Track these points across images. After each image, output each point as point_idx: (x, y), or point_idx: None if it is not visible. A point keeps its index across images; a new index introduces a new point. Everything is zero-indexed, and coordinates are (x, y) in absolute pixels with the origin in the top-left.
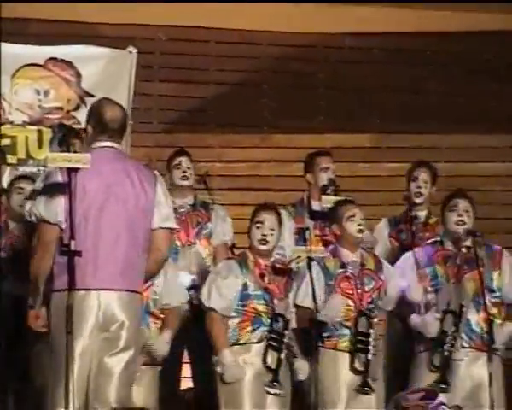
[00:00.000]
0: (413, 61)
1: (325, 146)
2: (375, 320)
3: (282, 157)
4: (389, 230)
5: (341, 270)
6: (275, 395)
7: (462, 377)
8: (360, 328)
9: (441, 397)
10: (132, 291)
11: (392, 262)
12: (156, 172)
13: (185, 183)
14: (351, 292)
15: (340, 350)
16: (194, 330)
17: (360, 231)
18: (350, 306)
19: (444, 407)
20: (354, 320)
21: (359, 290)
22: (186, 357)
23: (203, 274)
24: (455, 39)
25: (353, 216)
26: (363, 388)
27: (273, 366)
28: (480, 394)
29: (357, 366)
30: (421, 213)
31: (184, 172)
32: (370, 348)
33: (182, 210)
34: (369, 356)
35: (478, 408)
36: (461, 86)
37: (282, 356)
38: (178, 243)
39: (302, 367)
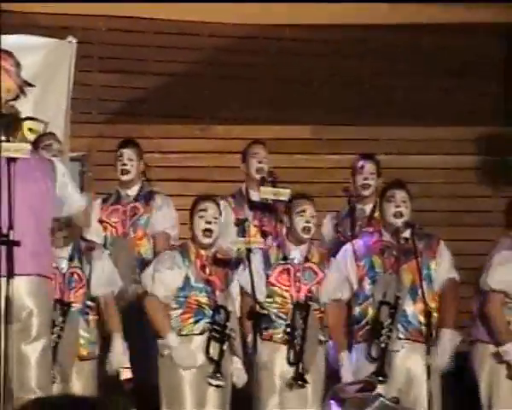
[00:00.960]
0: (353, 53)
1: (265, 137)
2: (314, 313)
3: (221, 148)
4: (334, 224)
5: (282, 262)
6: (217, 386)
7: (398, 369)
8: (295, 321)
9: (379, 389)
10: (42, 276)
11: None
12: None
13: (124, 178)
14: (288, 284)
15: (275, 341)
16: (134, 319)
17: (307, 229)
18: (286, 298)
19: (381, 398)
20: (290, 313)
21: (297, 283)
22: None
23: (138, 265)
24: (396, 31)
25: (303, 211)
26: (297, 380)
27: (215, 358)
28: (416, 386)
29: (291, 357)
30: (368, 207)
31: (124, 165)
32: (302, 340)
33: (124, 201)
34: (297, 348)
35: (413, 401)
36: (400, 79)
37: (225, 348)
38: (115, 234)
39: (239, 376)
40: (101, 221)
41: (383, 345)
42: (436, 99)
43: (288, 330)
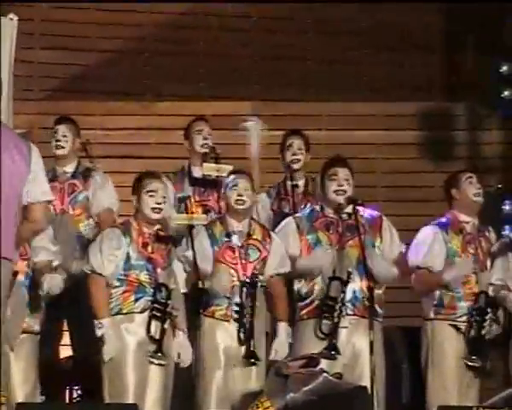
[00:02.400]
0: (293, 28)
1: (206, 113)
2: (258, 290)
3: (163, 125)
4: (270, 201)
5: (226, 239)
6: (159, 365)
7: (343, 345)
8: (242, 298)
9: (323, 365)
10: (4, 258)
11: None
12: (31, 144)
13: (59, 152)
14: (234, 262)
15: (217, 319)
16: (75, 295)
17: (240, 201)
18: (233, 276)
19: (325, 374)
20: (238, 290)
21: (243, 261)
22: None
23: (77, 242)
24: (335, 7)
25: (235, 185)
26: (249, 358)
27: (157, 336)
28: (360, 362)
29: (234, 336)
30: (300, 183)
31: (58, 140)
32: (248, 318)
33: (61, 178)
34: (247, 326)
35: (358, 375)
36: (340, 54)
37: (166, 326)
38: (53, 211)
39: (184, 353)
40: None
41: (336, 320)
42: (377, 75)
43: (237, 308)
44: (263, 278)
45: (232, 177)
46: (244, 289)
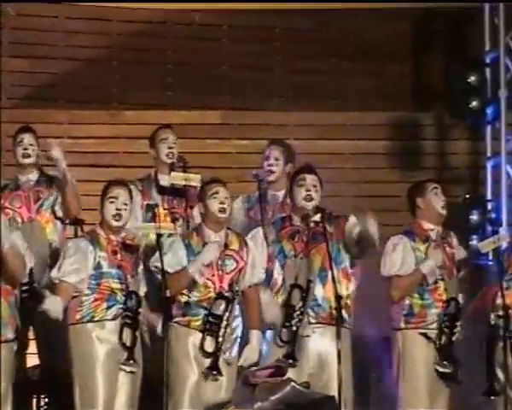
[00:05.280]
0: (261, 38)
1: (174, 122)
2: (235, 302)
3: (130, 134)
4: (245, 208)
5: (203, 249)
6: (130, 372)
7: (309, 354)
8: (215, 310)
9: (290, 374)
10: None
11: None
12: None
13: (26, 161)
14: (211, 274)
15: (192, 328)
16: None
17: (222, 210)
18: (209, 287)
19: (292, 383)
20: (212, 302)
21: (220, 272)
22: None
23: (46, 249)
24: (303, 17)
25: (216, 194)
26: (212, 370)
27: (128, 344)
28: (327, 370)
29: (207, 347)
30: (280, 193)
31: (25, 149)
32: (222, 331)
33: (24, 186)
34: (220, 339)
35: (324, 384)
36: (309, 63)
37: (137, 334)
38: (19, 219)
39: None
40: (2, 208)
41: (294, 328)
42: (344, 84)
43: (211, 319)
44: (238, 288)
45: (211, 186)
46: (219, 302)
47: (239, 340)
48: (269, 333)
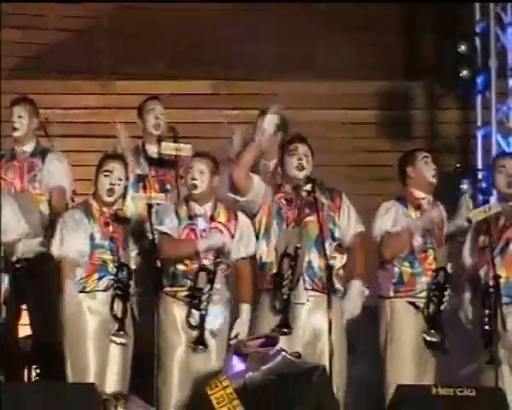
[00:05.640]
0: (253, 8)
1: (165, 92)
2: (220, 273)
3: (121, 104)
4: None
5: (189, 221)
6: (120, 344)
7: (303, 324)
8: (199, 283)
9: (283, 343)
10: None
11: None
12: None
13: (15, 134)
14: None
15: (178, 299)
16: (32, 277)
17: (193, 185)
18: (193, 260)
19: (283, 353)
20: (195, 274)
21: None
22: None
23: (38, 220)
24: None
25: (190, 168)
26: (198, 344)
27: (119, 315)
28: (321, 340)
29: (192, 320)
30: (271, 163)
31: (14, 122)
32: (203, 304)
33: (19, 157)
34: (203, 312)
35: (319, 354)
36: (298, 34)
37: (128, 306)
38: (13, 189)
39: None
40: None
41: (285, 296)
42: (335, 54)
43: (194, 292)
44: (228, 261)
45: (192, 160)
46: (202, 274)
47: (224, 311)
48: (267, 297)
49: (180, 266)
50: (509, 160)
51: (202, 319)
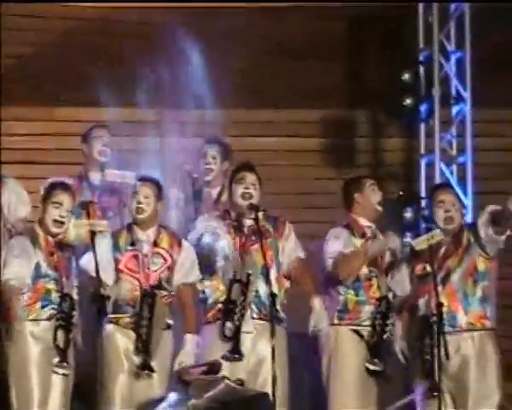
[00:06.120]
0: (199, 35)
1: (108, 120)
2: (162, 300)
3: (64, 131)
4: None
5: (130, 247)
6: (63, 375)
7: (248, 351)
8: (143, 309)
9: (224, 371)
10: None
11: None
12: None
13: None
14: (136, 271)
15: (121, 326)
16: None
17: (138, 209)
18: (135, 286)
19: (226, 381)
20: (139, 300)
21: (146, 270)
22: None
23: None
24: (238, 13)
25: (136, 194)
26: (143, 369)
27: (62, 346)
28: (264, 368)
29: (139, 346)
30: (214, 191)
31: None
32: (145, 329)
33: None
34: (144, 337)
35: (262, 382)
36: (244, 61)
37: (71, 336)
38: None
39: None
40: None
41: (237, 323)
42: (280, 81)
43: (137, 318)
44: (170, 287)
45: (136, 184)
46: (144, 300)
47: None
48: (214, 328)
49: (122, 294)
50: (447, 194)
51: (146, 345)
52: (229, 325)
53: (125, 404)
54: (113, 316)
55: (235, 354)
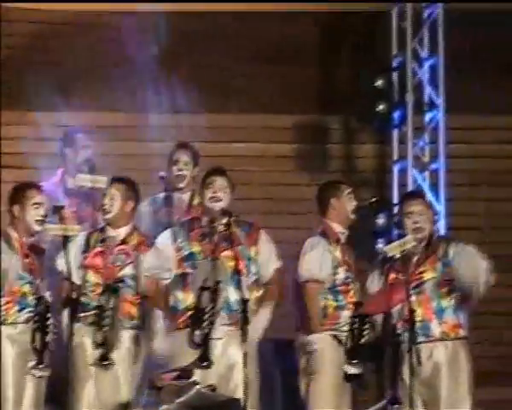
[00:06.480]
0: (166, 39)
1: (85, 123)
2: (126, 296)
3: (38, 134)
4: (152, 210)
5: (99, 245)
6: (40, 377)
7: (218, 357)
8: (102, 303)
9: (198, 376)
10: None
11: None
12: None
13: None
14: (101, 267)
15: (86, 325)
16: None
17: (104, 210)
18: (99, 281)
19: (198, 386)
20: (100, 295)
21: (110, 266)
22: None
23: None
24: (210, 17)
25: (104, 194)
26: (101, 361)
27: (39, 348)
28: (235, 373)
29: (97, 339)
30: (186, 196)
31: None
32: (107, 321)
33: None
34: (105, 329)
35: (233, 388)
36: (217, 65)
37: (48, 339)
38: None
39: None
40: None
41: (206, 330)
42: (252, 87)
43: (98, 312)
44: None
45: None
46: (106, 294)
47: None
48: (184, 335)
49: (87, 291)
50: (416, 205)
51: (105, 337)
52: (198, 332)
53: (92, 406)
54: (82, 315)
55: (204, 361)
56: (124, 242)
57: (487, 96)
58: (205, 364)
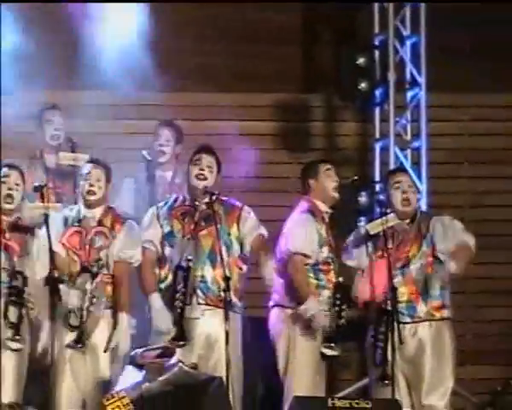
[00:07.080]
0: (150, 20)
1: (64, 103)
2: (99, 279)
3: (20, 114)
4: (134, 188)
5: (76, 224)
6: (16, 350)
7: (198, 335)
8: (80, 284)
9: (178, 355)
10: None
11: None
12: None
13: None
14: (78, 248)
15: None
16: None
17: (90, 191)
18: (75, 261)
19: (180, 364)
20: (76, 276)
21: (87, 247)
22: None
23: None
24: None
25: (88, 174)
26: (77, 343)
27: (14, 321)
28: (215, 352)
29: (72, 321)
30: (168, 174)
31: None
32: (86, 304)
33: None
34: (84, 313)
35: (212, 366)
36: (198, 44)
37: (24, 312)
38: None
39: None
40: None
41: (179, 310)
42: (234, 65)
43: (76, 293)
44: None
45: (86, 166)
46: (84, 275)
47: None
48: None
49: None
50: (404, 175)
51: (81, 318)
52: (173, 311)
53: (71, 386)
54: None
55: (180, 340)
56: (100, 223)
57: (469, 75)
58: (181, 343)
